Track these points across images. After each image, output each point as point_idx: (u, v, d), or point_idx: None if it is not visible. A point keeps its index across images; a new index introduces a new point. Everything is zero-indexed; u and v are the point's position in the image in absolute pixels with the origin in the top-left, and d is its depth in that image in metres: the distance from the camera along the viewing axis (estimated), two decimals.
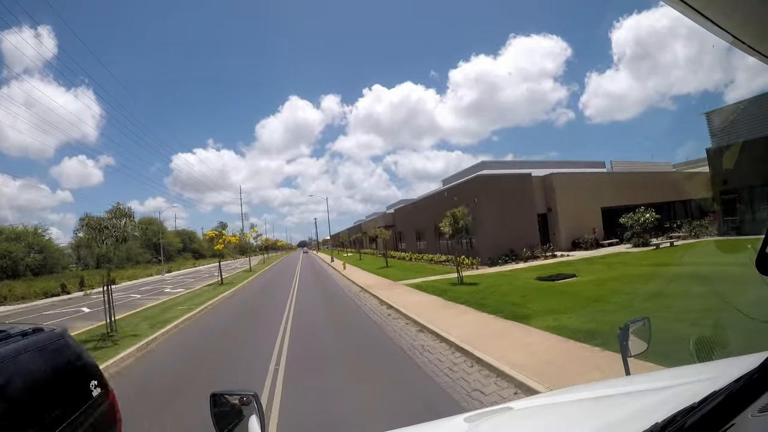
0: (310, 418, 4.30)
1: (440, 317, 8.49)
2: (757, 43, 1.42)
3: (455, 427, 1.30)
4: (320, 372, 5.86)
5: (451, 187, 24.37)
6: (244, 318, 11.46)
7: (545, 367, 4.84)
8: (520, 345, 5.88)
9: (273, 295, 16.33)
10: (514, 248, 19.82)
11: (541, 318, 7.30)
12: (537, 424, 1.24)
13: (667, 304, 7.03)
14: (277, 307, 12.34)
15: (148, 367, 7.22)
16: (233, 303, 15.02)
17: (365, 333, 8.30)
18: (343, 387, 5.13)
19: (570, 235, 23.54)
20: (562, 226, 23.48)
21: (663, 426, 0.75)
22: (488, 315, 8.32)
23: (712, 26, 1.36)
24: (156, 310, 13.64)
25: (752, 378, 0.76)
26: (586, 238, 23.11)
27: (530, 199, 22.01)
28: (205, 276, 31.45)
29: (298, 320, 10.03)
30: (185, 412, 4.63)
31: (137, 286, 28.64)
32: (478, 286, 12.47)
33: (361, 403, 4.58)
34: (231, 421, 1.37)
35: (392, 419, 3.98)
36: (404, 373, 5.53)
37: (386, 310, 10.53)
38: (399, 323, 8.81)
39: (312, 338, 8.10)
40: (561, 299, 8.99)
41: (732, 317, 3.47)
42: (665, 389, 1.17)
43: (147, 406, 4.90)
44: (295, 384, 5.32)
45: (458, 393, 4.63)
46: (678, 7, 1.33)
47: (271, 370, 6.02)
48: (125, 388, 5.23)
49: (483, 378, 5.01)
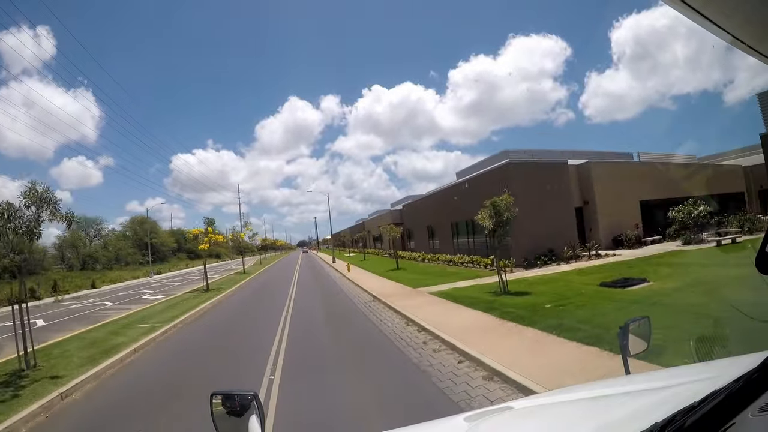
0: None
1: (517, 351, 5.45)
2: (757, 43, 1.42)
3: (455, 426, 1.28)
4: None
5: (475, 178, 21.17)
6: (219, 346, 8.36)
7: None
8: None
9: (263, 307, 13.30)
10: (553, 247, 16.75)
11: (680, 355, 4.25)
12: (537, 424, 1.23)
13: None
14: (267, 326, 9.30)
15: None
16: (212, 318, 11.97)
17: (402, 382, 5.20)
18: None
19: (609, 231, 20.50)
20: (600, 221, 20.44)
21: (663, 425, 0.74)
22: (592, 348, 5.28)
23: (712, 26, 1.36)
24: (113, 328, 10.59)
25: (752, 378, 0.76)
26: (629, 235, 20.08)
27: (567, 190, 18.96)
28: (195, 279, 28.15)
29: (294, 351, 6.98)
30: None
31: (117, 290, 25.57)
32: (532, 297, 9.43)
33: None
34: (231, 421, 1.32)
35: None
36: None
37: (417, 335, 7.48)
38: (448, 361, 5.75)
39: (316, 392, 5.05)
40: (665, 315, 6.20)
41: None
42: (665, 389, 1.16)
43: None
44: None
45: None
46: (677, 7, 1.33)
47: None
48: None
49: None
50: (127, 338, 8.99)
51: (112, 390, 5.99)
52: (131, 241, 54.70)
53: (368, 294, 13.21)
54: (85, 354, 7.81)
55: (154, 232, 57.39)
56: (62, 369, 6.80)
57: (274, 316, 10.53)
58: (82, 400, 5.64)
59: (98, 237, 53.30)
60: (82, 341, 9.14)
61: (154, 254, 57.57)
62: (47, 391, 5.72)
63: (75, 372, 6.59)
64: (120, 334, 9.55)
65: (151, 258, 55.83)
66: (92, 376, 6.49)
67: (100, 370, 6.80)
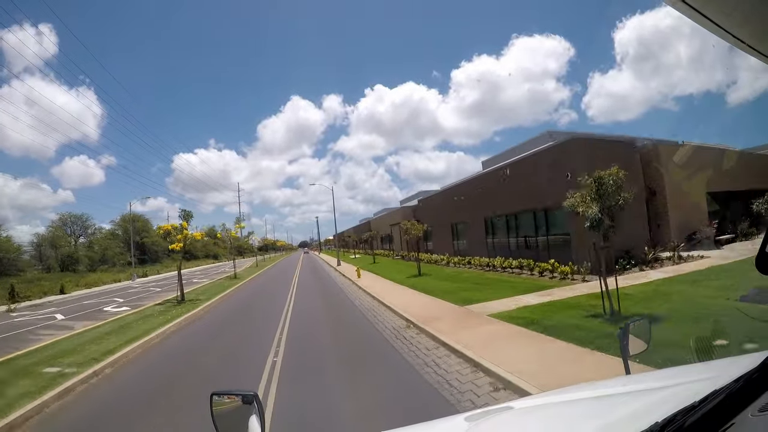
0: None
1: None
2: (758, 43, 1.42)
3: (455, 426, 1.28)
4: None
5: (520, 162, 16.98)
6: (163, 409, 4.52)
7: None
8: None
9: (248, 329, 9.44)
10: (629, 247, 12.85)
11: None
12: (537, 424, 1.22)
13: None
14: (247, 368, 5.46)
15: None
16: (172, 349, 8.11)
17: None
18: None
19: (680, 228, 16.56)
20: (671, 216, 16.54)
21: (663, 425, 0.74)
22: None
23: (712, 26, 1.36)
24: (23, 364, 6.78)
25: (752, 378, 0.76)
26: (707, 233, 16.19)
27: (637, 176, 15.07)
28: (227, 270, 23.83)
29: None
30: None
31: (85, 298, 21.75)
32: (677, 326, 5.50)
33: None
34: (231, 421, 1.29)
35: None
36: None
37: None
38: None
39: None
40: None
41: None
42: (665, 389, 1.15)
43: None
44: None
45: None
46: (677, 7, 1.33)
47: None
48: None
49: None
50: (20, 392, 5.18)
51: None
52: (120, 240, 50.96)
53: (395, 314, 9.29)
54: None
55: (146, 231, 53.68)
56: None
57: (257, 354, 6.66)
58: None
59: (84, 236, 49.51)
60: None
61: (145, 254, 53.76)
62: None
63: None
64: (30, 374, 5.84)
65: (144, 258, 52.18)
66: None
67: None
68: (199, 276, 31.92)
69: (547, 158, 14.52)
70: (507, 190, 16.66)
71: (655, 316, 6.42)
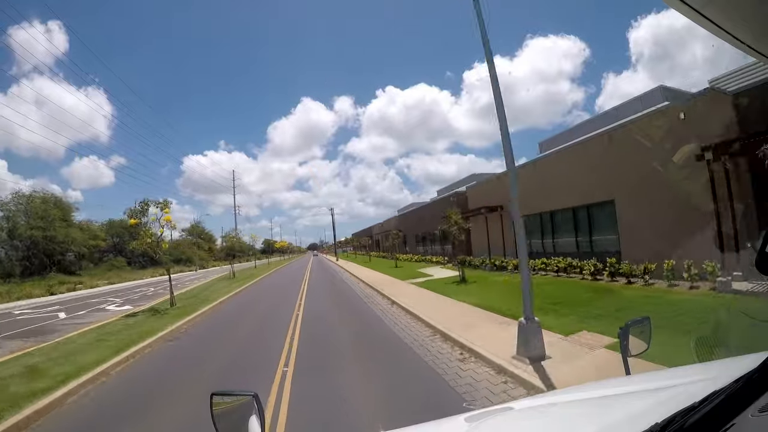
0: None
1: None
2: (757, 43, 1.46)
3: (456, 426, 1.26)
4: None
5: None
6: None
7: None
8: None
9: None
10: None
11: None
12: (537, 425, 1.20)
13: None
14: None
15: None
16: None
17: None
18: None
19: None
20: None
21: (663, 426, 0.73)
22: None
23: (712, 26, 1.36)
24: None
25: (752, 378, 0.75)
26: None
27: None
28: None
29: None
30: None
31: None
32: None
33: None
34: (231, 421, 1.26)
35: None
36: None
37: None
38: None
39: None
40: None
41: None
42: (665, 389, 1.13)
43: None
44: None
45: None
46: (678, 7, 1.33)
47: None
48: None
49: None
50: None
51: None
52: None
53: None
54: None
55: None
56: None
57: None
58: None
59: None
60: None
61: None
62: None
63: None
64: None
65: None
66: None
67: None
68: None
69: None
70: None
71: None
